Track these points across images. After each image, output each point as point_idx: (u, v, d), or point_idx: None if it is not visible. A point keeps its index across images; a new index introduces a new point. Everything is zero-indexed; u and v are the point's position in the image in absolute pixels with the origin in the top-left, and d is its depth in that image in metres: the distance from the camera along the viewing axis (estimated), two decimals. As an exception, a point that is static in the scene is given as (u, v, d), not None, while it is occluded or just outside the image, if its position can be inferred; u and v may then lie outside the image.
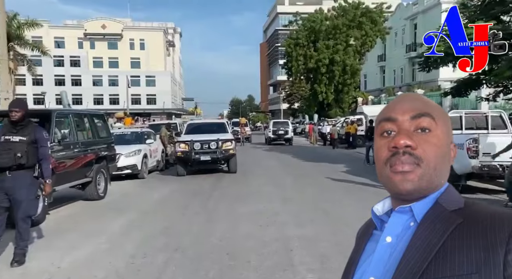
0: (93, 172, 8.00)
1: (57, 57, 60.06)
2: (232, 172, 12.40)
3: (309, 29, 37.59)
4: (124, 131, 12.99)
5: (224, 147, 12.06)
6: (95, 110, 10.31)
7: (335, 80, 37.15)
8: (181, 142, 12.08)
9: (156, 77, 63.93)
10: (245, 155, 17.96)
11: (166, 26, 71.68)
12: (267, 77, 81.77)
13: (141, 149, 11.85)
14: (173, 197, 8.44)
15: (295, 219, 6.16)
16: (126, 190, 9.70)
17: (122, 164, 11.27)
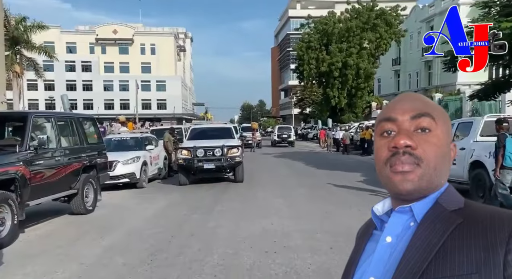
0: (80, 183, 7.08)
1: (69, 62, 60.26)
2: (238, 181, 11.40)
3: (321, 31, 36.59)
4: (122, 137, 12.11)
5: (230, 154, 11.07)
6: (84, 114, 9.41)
7: (348, 84, 36.00)
8: (183, 149, 11.13)
9: (166, 82, 63.51)
10: (253, 162, 16.94)
11: (177, 31, 71.45)
12: (278, 82, 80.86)
13: (140, 156, 10.94)
14: (169, 213, 7.45)
15: (309, 244, 5.11)
16: (119, 202, 8.76)
17: (119, 172, 10.38)
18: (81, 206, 7.10)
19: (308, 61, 36.28)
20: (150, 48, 64.37)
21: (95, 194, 7.58)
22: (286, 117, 72.13)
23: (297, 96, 59.98)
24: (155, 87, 63.49)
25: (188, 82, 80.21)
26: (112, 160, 10.33)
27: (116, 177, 10.36)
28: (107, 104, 62.14)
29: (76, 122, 7.32)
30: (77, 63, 60.68)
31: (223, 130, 12.60)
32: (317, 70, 36.52)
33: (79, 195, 7.02)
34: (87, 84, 61.23)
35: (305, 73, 36.88)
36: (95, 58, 61.42)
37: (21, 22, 24.54)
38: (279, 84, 79.45)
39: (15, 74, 23.83)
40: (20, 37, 23.80)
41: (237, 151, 11.23)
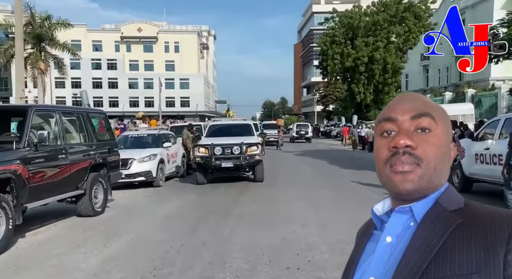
0: (87, 183, 6.55)
1: (95, 60, 61.18)
2: (258, 181, 10.69)
3: (346, 25, 35.32)
4: (139, 134, 11.61)
5: (249, 152, 10.37)
6: (95, 108, 8.91)
7: (374, 80, 34.65)
8: (200, 146, 10.52)
9: (189, 79, 63.53)
10: (274, 160, 16.20)
11: (201, 28, 71.36)
12: (300, 78, 79.60)
13: (157, 154, 10.41)
14: (183, 215, 6.83)
15: (338, 258, 4.34)
16: (132, 203, 8.23)
17: (135, 170, 9.88)
18: (89, 207, 6.57)
19: (333, 56, 35.11)
20: (174, 46, 64.54)
21: (105, 194, 7.05)
22: (308, 114, 70.91)
23: (320, 93, 58.70)
24: (178, 85, 63.65)
25: (210, 80, 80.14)
26: (128, 158, 9.87)
27: (132, 175, 9.87)
28: (132, 101, 62.77)
29: (84, 117, 6.79)
30: (103, 61, 61.51)
31: (242, 127, 11.91)
32: (342, 65, 35.32)
33: (86, 195, 6.50)
34: (112, 82, 62.00)
35: (329, 68, 35.72)
36: (120, 56, 62.10)
37: (46, 19, 24.62)
38: (302, 80, 78.18)
39: (39, 71, 23.95)
40: (44, 34, 23.88)
41: (256, 149, 10.53)
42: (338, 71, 36.54)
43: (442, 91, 35.89)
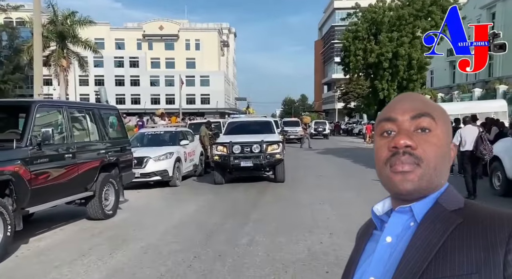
0: (97, 184, 6.09)
1: (117, 58, 61.79)
2: (279, 181, 10.08)
3: (369, 21, 34.05)
4: (156, 131, 11.16)
5: (270, 150, 9.77)
6: (106, 104, 8.46)
7: (399, 76, 33.33)
8: (218, 144, 9.98)
9: (210, 77, 63.36)
10: (295, 159, 15.54)
11: (221, 26, 71.05)
12: (321, 75, 78.27)
13: (173, 152, 9.93)
14: (198, 220, 6.29)
15: None
16: (146, 204, 7.76)
17: (150, 169, 9.43)
18: (99, 210, 6.12)
19: (355, 52, 33.93)
20: (194, 43, 64.48)
21: (116, 196, 6.59)
22: (329, 112, 69.66)
23: (341, 90, 57.38)
24: (199, 82, 63.61)
25: (231, 77, 79.85)
26: (143, 156, 9.44)
27: (147, 174, 9.43)
28: (154, 99, 63.12)
29: (94, 114, 6.33)
30: (125, 59, 62.06)
31: (263, 124, 11.30)
32: (365, 62, 34.10)
33: (96, 197, 6.04)
34: (134, 79, 62.50)
35: (352, 64, 34.57)
36: (142, 54, 62.50)
37: (69, 17, 24.64)
38: (322, 77, 76.86)
39: (61, 68, 24.01)
40: (66, 32, 23.89)
41: (277, 147, 9.91)
42: (360, 68, 35.34)
43: (471, 88, 34.27)
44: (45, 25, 24.37)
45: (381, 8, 33.87)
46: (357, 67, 35.23)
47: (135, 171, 9.14)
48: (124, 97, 62.05)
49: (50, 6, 23.83)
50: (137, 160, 9.30)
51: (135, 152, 9.51)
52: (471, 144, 7.62)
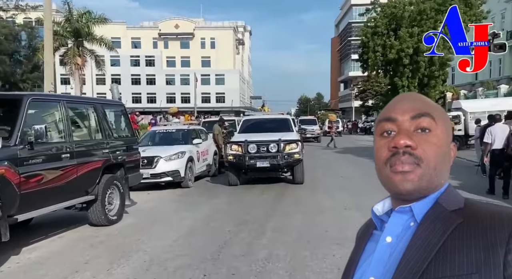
0: (100, 186, 5.51)
1: (133, 57, 61.89)
2: (297, 183, 9.37)
3: (389, 16, 32.85)
4: (167, 129, 10.56)
5: (288, 150, 9.06)
6: (111, 100, 7.87)
7: (419, 73, 32.05)
8: (233, 143, 9.32)
9: (225, 75, 62.86)
10: (313, 158, 14.77)
11: (236, 24, 70.44)
12: (337, 73, 76.89)
13: (185, 151, 9.33)
14: (210, 228, 5.63)
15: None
16: (155, 208, 7.16)
17: (161, 169, 8.85)
18: (101, 215, 5.54)
19: (374, 48, 32.78)
20: (210, 42, 64.07)
21: (121, 199, 6.01)
22: (345, 110, 68.33)
23: (358, 88, 56.00)
24: (214, 81, 63.23)
25: (246, 76, 79.22)
26: (153, 156, 8.87)
27: (158, 175, 8.86)
28: (169, 97, 63.03)
29: (97, 110, 5.74)
30: (141, 57, 62.11)
31: (280, 122, 10.58)
32: (384, 58, 32.93)
33: (98, 202, 5.46)
34: (150, 78, 62.51)
35: (370, 61, 33.42)
36: (158, 52, 62.44)
37: (84, 15, 24.39)
38: (339, 75, 75.49)
39: (76, 66, 23.78)
40: (81, 29, 23.62)
41: (296, 146, 9.19)
42: (379, 64, 34.17)
43: (495, 85, 32.76)
44: (61, 23, 24.23)
45: (401, 2, 32.62)
46: (376, 64, 34.03)
47: (145, 172, 8.59)
48: (140, 96, 62.19)
49: (65, 3, 23.63)
50: (147, 159, 8.76)
51: (145, 151, 8.97)
52: (501, 142, 7.46)
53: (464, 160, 14.07)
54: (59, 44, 23.95)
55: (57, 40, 23.71)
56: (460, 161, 14.75)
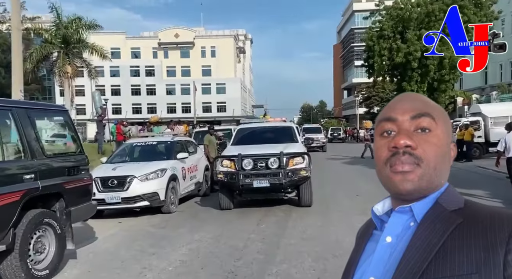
0: (19, 230, 3.73)
1: (133, 67, 60.66)
2: (304, 206, 7.57)
3: (395, 18, 31.27)
4: (145, 142, 8.72)
5: (292, 165, 7.27)
6: (46, 103, 6.01)
7: (429, 77, 30.35)
8: (224, 158, 7.53)
9: (226, 84, 61.41)
10: (320, 169, 12.94)
11: (237, 33, 69.26)
12: (340, 80, 75.28)
13: (166, 169, 7.55)
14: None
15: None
16: (115, 250, 5.32)
17: (135, 192, 7.07)
18: (20, 272, 3.73)
19: (380, 52, 31.16)
20: (210, 50, 62.83)
21: (59, 244, 4.21)
22: (349, 117, 66.48)
23: (362, 94, 54.30)
24: (215, 90, 61.81)
25: (247, 84, 77.80)
26: (125, 175, 7.12)
27: (131, 199, 7.07)
28: (170, 107, 61.60)
29: (17, 117, 3.97)
30: (141, 67, 60.89)
31: (282, 131, 8.80)
32: (390, 62, 31.26)
33: (14, 253, 3.67)
34: (150, 88, 61.17)
35: (376, 66, 31.78)
36: (158, 62, 61.22)
37: (74, 21, 22.90)
38: (342, 82, 73.85)
39: (66, 76, 22.19)
40: (69, 37, 22.07)
41: (302, 161, 7.40)
42: (386, 69, 32.47)
43: (508, 88, 30.95)
44: (49, 30, 22.78)
45: (408, 4, 31.04)
46: (382, 68, 32.39)
47: (114, 195, 6.86)
48: (141, 106, 60.80)
49: (53, 9, 22.18)
50: (117, 180, 7.01)
51: (115, 170, 7.23)
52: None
53: (489, 170, 12.26)
54: (47, 53, 22.46)
55: (45, 47, 22.24)
56: (485, 171, 12.91)
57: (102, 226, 6.60)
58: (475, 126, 17.49)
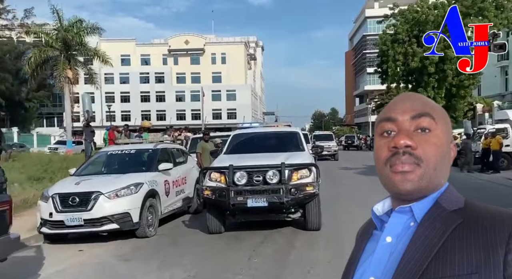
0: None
1: (143, 74, 60.06)
2: (312, 230, 6.10)
3: (411, 21, 29.68)
4: (123, 150, 7.24)
5: (296, 179, 5.84)
6: None
7: (447, 82, 28.55)
8: (212, 170, 6.11)
9: (236, 91, 60.31)
10: (332, 181, 11.42)
11: (248, 39, 68.35)
12: (352, 87, 73.52)
13: (142, 183, 6.16)
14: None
15: None
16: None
17: (101, 212, 5.69)
18: None
19: (394, 57, 29.54)
20: (220, 57, 61.95)
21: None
22: (362, 125, 64.56)
23: (375, 102, 52.44)
24: (225, 97, 60.77)
25: (258, 91, 76.62)
26: (89, 191, 5.75)
27: (96, 221, 5.68)
28: (179, 114, 60.74)
29: None
30: (151, 74, 60.28)
31: (285, 138, 7.35)
32: (405, 67, 29.59)
33: None
34: (160, 95, 60.44)
35: (390, 71, 30.15)
36: (167, 69, 60.55)
37: (75, 24, 21.97)
38: (354, 89, 72.07)
39: (67, 80, 21.19)
40: (70, 40, 21.10)
41: (308, 174, 5.96)
42: (400, 74, 30.79)
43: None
44: (49, 34, 21.90)
45: (425, 6, 29.42)
46: (397, 74, 30.70)
47: (75, 216, 5.50)
48: (150, 113, 60.04)
49: (54, 11, 21.30)
50: (79, 197, 5.66)
51: (79, 184, 5.88)
52: None
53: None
54: (47, 56, 21.55)
55: (44, 51, 21.34)
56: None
57: (59, 254, 5.26)
58: (503, 134, 15.76)
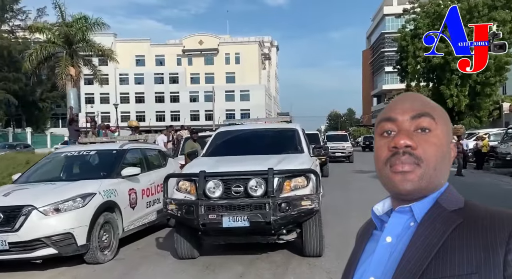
0: None
1: (158, 74, 59.49)
2: (310, 255, 4.60)
3: (432, 15, 27.63)
4: (81, 151, 5.78)
5: (289, 191, 4.37)
6: None
7: (471, 79, 26.37)
8: (181, 178, 4.67)
9: (250, 91, 58.99)
10: (343, 189, 9.82)
11: (262, 39, 66.92)
12: (370, 87, 71.06)
13: (94, 193, 4.76)
14: None
15: None
16: None
17: (32, 233, 4.35)
18: None
19: (414, 53, 27.56)
20: (234, 57, 60.80)
21: None
22: (379, 126, 62.12)
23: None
24: (239, 97, 59.55)
25: (272, 91, 75.05)
26: (18, 205, 4.40)
27: (27, 244, 4.32)
28: (193, 115, 59.88)
29: None
30: (165, 75, 59.66)
31: (281, 136, 5.85)
32: (426, 64, 27.55)
33: None
34: (174, 95, 59.75)
35: (410, 68, 28.18)
36: (181, 69, 59.82)
37: (79, 20, 21.03)
38: (371, 89, 69.63)
39: (69, 78, 20.24)
40: (73, 36, 20.15)
41: (304, 183, 4.46)
42: (421, 71, 28.75)
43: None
44: (52, 29, 21.03)
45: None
46: (417, 71, 28.69)
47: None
48: (164, 114, 59.39)
49: (56, 6, 20.42)
50: (4, 213, 4.31)
51: (9, 195, 4.55)
52: None
53: None
54: (49, 53, 20.68)
55: (46, 47, 20.47)
56: None
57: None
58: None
